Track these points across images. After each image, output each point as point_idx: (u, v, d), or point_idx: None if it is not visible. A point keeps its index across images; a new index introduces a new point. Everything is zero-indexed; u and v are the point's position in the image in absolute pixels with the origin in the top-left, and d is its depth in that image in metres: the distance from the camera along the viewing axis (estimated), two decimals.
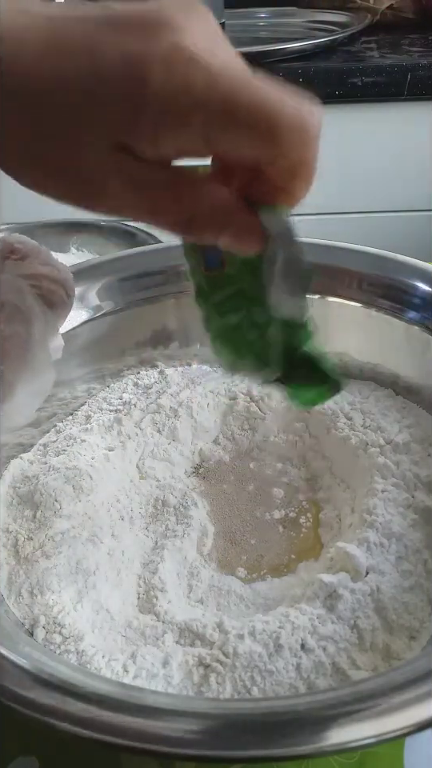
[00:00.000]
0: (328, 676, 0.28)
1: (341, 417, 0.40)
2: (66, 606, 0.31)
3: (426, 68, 0.81)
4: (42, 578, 0.32)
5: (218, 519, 0.38)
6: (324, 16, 1.04)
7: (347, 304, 0.43)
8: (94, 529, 0.35)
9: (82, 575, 0.32)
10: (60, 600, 0.31)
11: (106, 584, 0.33)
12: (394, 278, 0.42)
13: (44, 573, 0.32)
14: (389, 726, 0.21)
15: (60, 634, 0.30)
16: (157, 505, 0.38)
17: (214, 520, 0.38)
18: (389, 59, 0.84)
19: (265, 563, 0.36)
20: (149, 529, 0.36)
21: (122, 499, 0.37)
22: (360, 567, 0.31)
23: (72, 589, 0.32)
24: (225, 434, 0.43)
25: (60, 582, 0.32)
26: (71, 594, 0.32)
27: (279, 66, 0.81)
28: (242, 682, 0.27)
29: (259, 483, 0.40)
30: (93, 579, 0.32)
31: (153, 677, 0.28)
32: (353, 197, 0.90)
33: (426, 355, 0.40)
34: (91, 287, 0.44)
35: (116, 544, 0.34)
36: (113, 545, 0.34)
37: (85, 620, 0.31)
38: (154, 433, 0.41)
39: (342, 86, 0.81)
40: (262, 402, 0.43)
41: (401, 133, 0.86)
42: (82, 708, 0.22)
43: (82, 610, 0.31)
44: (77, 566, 0.33)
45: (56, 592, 0.31)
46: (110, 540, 0.35)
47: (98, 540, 0.34)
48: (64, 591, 0.31)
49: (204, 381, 0.45)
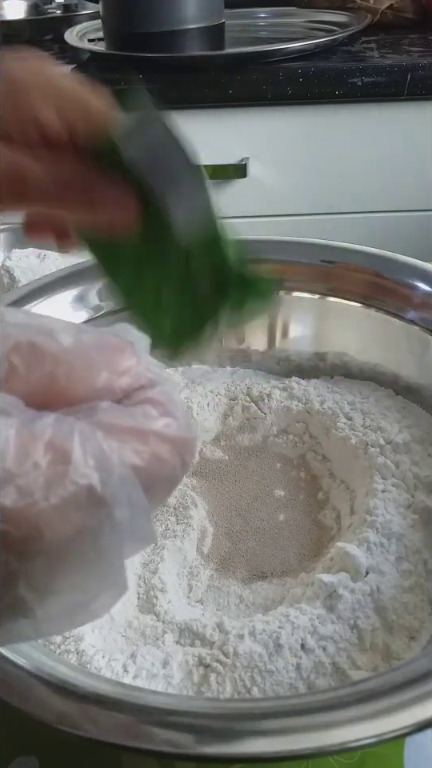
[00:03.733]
0: (328, 676, 0.28)
1: (341, 417, 0.40)
2: None
3: (425, 68, 0.81)
4: None
5: (217, 519, 0.38)
6: (324, 16, 1.04)
7: (347, 304, 0.43)
8: None
9: None
10: None
11: None
12: (394, 278, 0.42)
13: None
14: (389, 726, 0.21)
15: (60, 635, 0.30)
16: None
17: (213, 520, 0.38)
18: (389, 59, 0.84)
19: (265, 563, 0.36)
20: None
21: None
22: (360, 567, 0.31)
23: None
24: (225, 433, 0.43)
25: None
26: None
27: (279, 65, 0.81)
28: (242, 681, 0.27)
29: (259, 483, 0.40)
30: None
31: (153, 677, 0.28)
32: (353, 197, 0.90)
33: (426, 355, 0.40)
34: (91, 287, 0.44)
35: None
36: None
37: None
38: None
39: (342, 86, 0.81)
40: (262, 402, 0.43)
41: (401, 133, 0.86)
42: (82, 708, 0.22)
43: None
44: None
45: None
46: None
47: None
48: None
49: (204, 381, 0.45)
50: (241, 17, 1.08)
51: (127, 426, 0.16)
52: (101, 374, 0.16)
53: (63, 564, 0.15)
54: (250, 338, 0.46)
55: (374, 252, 0.44)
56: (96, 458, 0.15)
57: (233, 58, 0.84)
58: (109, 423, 0.15)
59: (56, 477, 0.14)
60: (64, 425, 0.15)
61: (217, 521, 0.38)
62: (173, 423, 0.16)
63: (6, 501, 0.13)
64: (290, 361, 0.46)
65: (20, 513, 0.14)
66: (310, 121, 0.85)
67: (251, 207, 0.91)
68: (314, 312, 0.45)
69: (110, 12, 0.87)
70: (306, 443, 0.42)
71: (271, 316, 0.46)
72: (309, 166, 0.88)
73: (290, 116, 0.85)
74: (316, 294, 0.44)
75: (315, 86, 0.81)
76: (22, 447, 0.14)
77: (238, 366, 0.47)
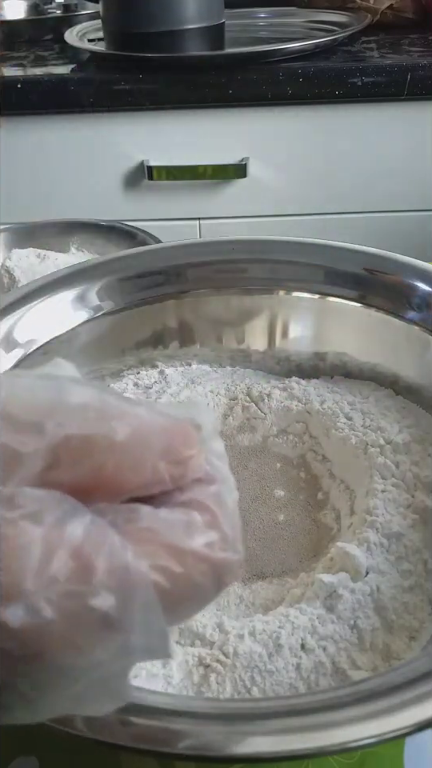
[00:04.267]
0: (328, 676, 0.28)
1: (341, 417, 0.40)
2: None
3: (426, 68, 0.81)
4: None
5: None
6: (324, 16, 1.04)
7: (347, 304, 0.43)
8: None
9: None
10: None
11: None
12: (394, 278, 0.42)
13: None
14: (389, 725, 0.21)
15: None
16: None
17: None
18: (389, 59, 0.84)
19: (265, 563, 0.36)
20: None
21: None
22: (360, 567, 0.31)
23: None
24: (225, 434, 0.43)
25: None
26: None
27: (279, 65, 0.82)
28: (242, 681, 0.27)
29: (259, 483, 0.40)
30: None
31: (153, 677, 0.28)
32: (353, 197, 0.90)
33: (425, 355, 0.40)
34: (91, 287, 0.44)
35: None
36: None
37: None
38: None
39: (342, 86, 0.81)
40: (262, 402, 0.43)
41: (401, 133, 0.86)
42: None
43: None
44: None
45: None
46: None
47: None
48: None
49: (204, 381, 0.45)
50: (241, 17, 1.08)
51: (164, 541, 0.14)
52: (156, 464, 0.15)
53: (65, 679, 0.14)
54: (250, 338, 0.46)
55: (373, 252, 0.44)
56: (119, 578, 0.13)
57: (233, 58, 0.84)
58: (146, 532, 0.14)
59: (72, 597, 0.13)
60: (98, 531, 0.13)
61: None
62: (217, 540, 0.15)
63: (14, 621, 0.12)
64: (290, 361, 0.46)
65: (26, 634, 0.13)
66: (310, 121, 0.85)
67: (251, 207, 0.91)
68: (314, 312, 0.45)
69: (110, 12, 0.87)
70: (305, 443, 0.42)
71: (271, 316, 0.46)
72: (309, 166, 0.88)
73: (290, 116, 0.85)
74: (316, 294, 0.44)
75: (315, 86, 0.81)
76: (45, 555, 0.13)
77: (237, 365, 0.47)
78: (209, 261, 0.46)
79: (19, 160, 0.87)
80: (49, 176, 0.89)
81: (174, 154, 0.87)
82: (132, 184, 0.89)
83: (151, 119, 0.85)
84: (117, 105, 0.83)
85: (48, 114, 0.85)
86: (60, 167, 0.88)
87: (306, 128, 0.86)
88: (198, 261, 0.46)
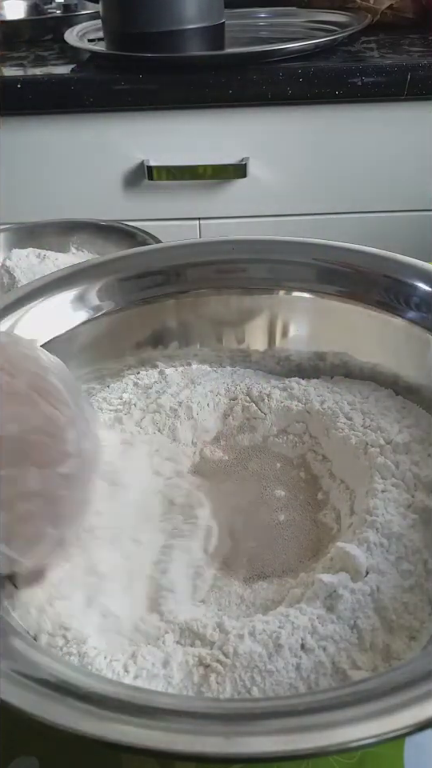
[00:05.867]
0: (328, 676, 0.28)
1: (341, 417, 0.40)
2: (74, 611, 0.31)
3: (426, 68, 0.81)
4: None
5: (218, 519, 0.38)
6: (324, 16, 1.04)
7: (347, 304, 0.43)
8: (115, 530, 0.35)
9: (95, 578, 0.32)
10: (70, 606, 0.31)
11: (117, 587, 0.32)
12: (394, 278, 0.42)
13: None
14: (389, 725, 0.21)
15: (64, 638, 0.29)
16: (164, 503, 0.37)
17: (215, 520, 0.38)
18: (389, 59, 0.84)
19: (265, 563, 0.36)
20: (158, 528, 0.36)
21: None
22: (360, 567, 0.31)
23: (81, 593, 0.32)
24: (225, 433, 0.43)
25: (72, 587, 0.32)
26: (80, 598, 0.31)
27: (279, 65, 0.82)
28: (242, 681, 0.27)
29: (259, 483, 0.40)
30: (103, 583, 0.32)
31: (153, 677, 0.28)
32: (353, 197, 0.90)
33: (425, 355, 0.40)
34: (91, 287, 0.44)
35: (132, 546, 0.34)
36: (130, 547, 0.34)
37: (91, 623, 0.30)
38: (156, 432, 0.41)
39: (342, 86, 0.81)
40: (262, 402, 0.43)
41: (401, 133, 0.86)
42: (82, 708, 0.22)
43: (91, 615, 0.31)
44: (91, 569, 0.32)
45: (66, 598, 0.31)
46: (129, 543, 0.35)
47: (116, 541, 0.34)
48: (74, 596, 0.31)
49: (204, 381, 0.45)
50: (241, 17, 1.08)
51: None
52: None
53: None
54: (250, 338, 0.46)
55: (373, 252, 0.44)
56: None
57: (233, 58, 0.84)
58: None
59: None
60: None
61: (218, 521, 0.38)
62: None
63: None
64: (290, 361, 0.46)
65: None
66: (310, 121, 0.85)
67: (251, 207, 0.91)
68: (313, 312, 0.45)
69: (109, 12, 0.87)
70: (305, 443, 0.42)
71: (271, 316, 0.46)
72: (309, 166, 0.88)
73: (290, 116, 0.85)
74: (316, 294, 0.44)
75: (315, 86, 0.81)
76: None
77: (237, 365, 0.47)
78: (209, 261, 0.46)
79: (19, 160, 0.87)
80: (49, 176, 0.89)
81: (174, 154, 0.87)
82: (132, 184, 0.89)
83: (151, 119, 0.85)
84: (117, 105, 0.83)
85: (48, 114, 0.85)
86: (60, 167, 0.88)
87: (306, 128, 0.86)
88: (198, 261, 0.46)
